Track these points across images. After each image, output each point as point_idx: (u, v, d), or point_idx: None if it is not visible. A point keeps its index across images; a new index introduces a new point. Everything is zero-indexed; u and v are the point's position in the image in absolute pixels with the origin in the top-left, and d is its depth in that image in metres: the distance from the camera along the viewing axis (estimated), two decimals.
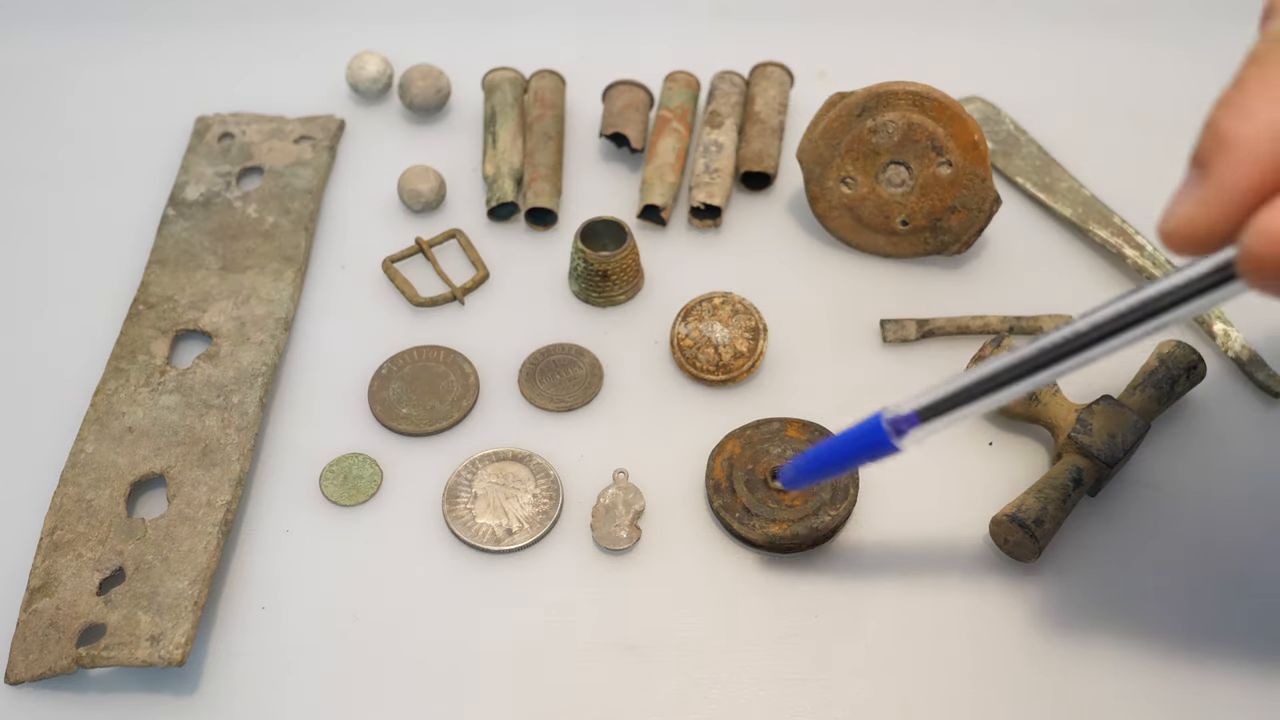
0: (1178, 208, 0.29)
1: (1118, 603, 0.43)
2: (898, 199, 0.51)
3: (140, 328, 0.50)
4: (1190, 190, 0.29)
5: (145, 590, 0.42)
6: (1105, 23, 0.65)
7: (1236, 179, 0.27)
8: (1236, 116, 0.27)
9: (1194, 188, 0.28)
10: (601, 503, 0.45)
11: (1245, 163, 0.27)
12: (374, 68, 0.60)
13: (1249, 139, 0.27)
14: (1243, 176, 0.27)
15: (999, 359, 0.34)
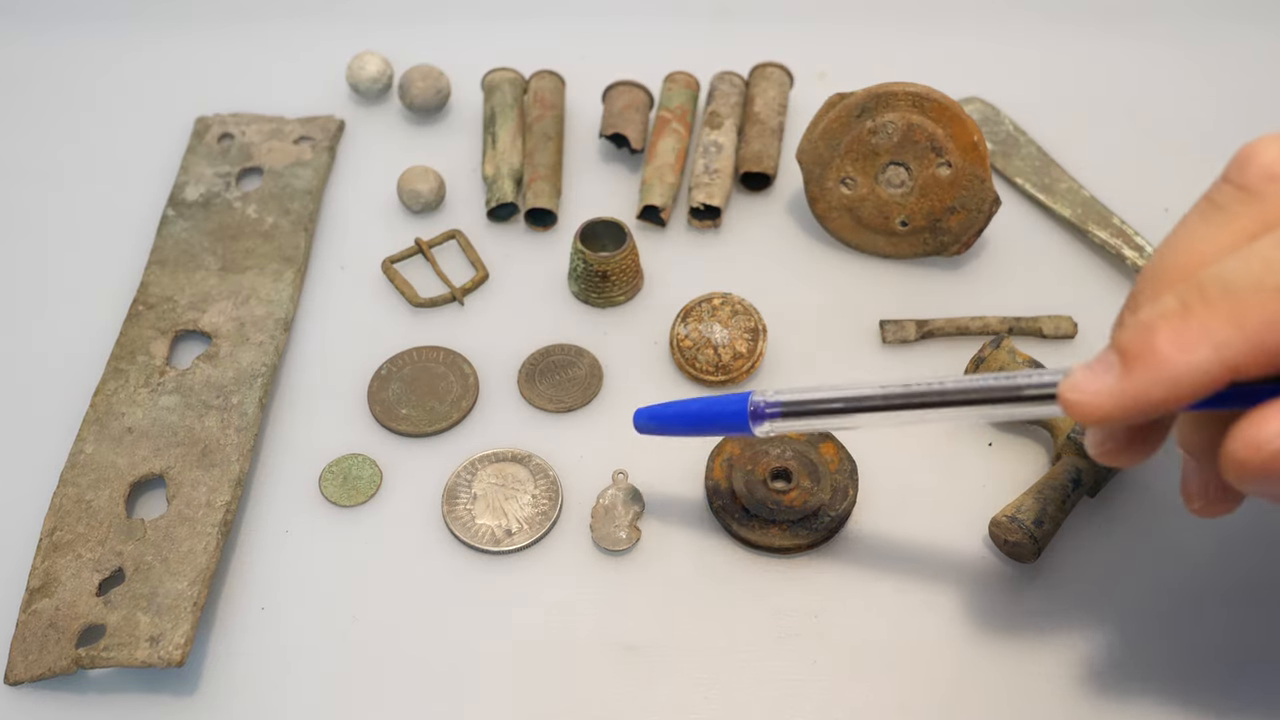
0: (1088, 385, 0.30)
1: (1117, 604, 0.43)
2: (897, 200, 0.51)
3: (140, 328, 0.50)
4: (1105, 375, 0.30)
5: (145, 591, 0.42)
6: (1105, 23, 0.65)
7: (1153, 394, 0.29)
8: (1175, 343, 0.29)
9: (1109, 375, 0.30)
10: (601, 503, 0.45)
11: (1166, 384, 0.29)
12: (374, 68, 0.60)
13: (1179, 367, 0.29)
14: (1159, 394, 0.29)
15: (866, 387, 0.36)
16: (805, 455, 0.45)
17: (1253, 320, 0.28)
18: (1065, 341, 0.50)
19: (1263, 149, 0.31)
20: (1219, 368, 0.29)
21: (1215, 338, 0.29)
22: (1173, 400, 0.29)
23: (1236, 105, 0.61)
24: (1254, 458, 0.29)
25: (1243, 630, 0.42)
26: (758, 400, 0.38)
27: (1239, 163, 0.32)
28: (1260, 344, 0.28)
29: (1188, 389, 0.29)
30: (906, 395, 0.35)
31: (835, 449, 0.46)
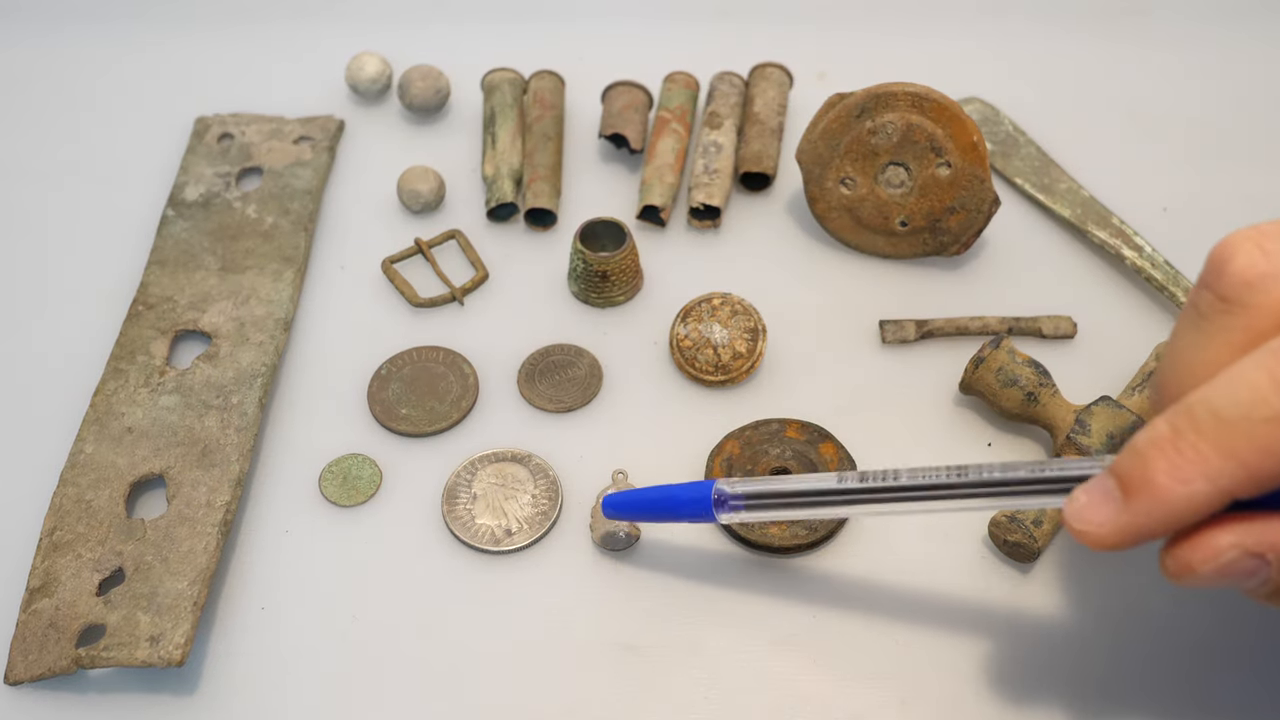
0: (1091, 515, 0.32)
1: (1117, 604, 0.43)
2: (897, 200, 0.51)
3: (140, 328, 0.50)
4: (1106, 506, 0.31)
5: (145, 591, 0.42)
6: (1105, 23, 0.65)
7: (1153, 525, 0.31)
8: (1171, 475, 0.30)
9: (1109, 505, 0.31)
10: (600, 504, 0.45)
11: (1165, 515, 0.30)
12: (373, 68, 0.60)
13: (1177, 499, 0.30)
14: (1160, 525, 0.30)
15: (828, 480, 0.38)
16: (805, 455, 0.45)
17: (1244, 451, 0.29)
18: (1065, 341, 0.50)
19: (1234, 253, 0.31)
20: (1215, 496, 0.30)
21: (1209, 469, 0.30)
22: (1171, 527, 0.31)
23: (1236, 105, 0.61)
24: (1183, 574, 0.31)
25: (1243, 630, 0.42)
26: (720, 491, 0.39)
27: (1214, 269, 0.32)
28: (1254, 473, 0.29)
29: (1185, 517, 0.30)
30: (863, 490, 0.37)
31: (835, 449, 0.46)
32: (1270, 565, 0.30)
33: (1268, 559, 0.30)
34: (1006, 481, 0.35)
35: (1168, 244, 0.53)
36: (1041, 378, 0.46)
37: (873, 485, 0.37)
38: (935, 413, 0.48)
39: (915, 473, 0.36)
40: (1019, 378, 0.46)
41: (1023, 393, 0.46)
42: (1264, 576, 0.31)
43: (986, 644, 0.42)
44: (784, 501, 0.38)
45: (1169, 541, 0.32)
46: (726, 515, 0.40)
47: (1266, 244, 0.31)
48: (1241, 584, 0.31)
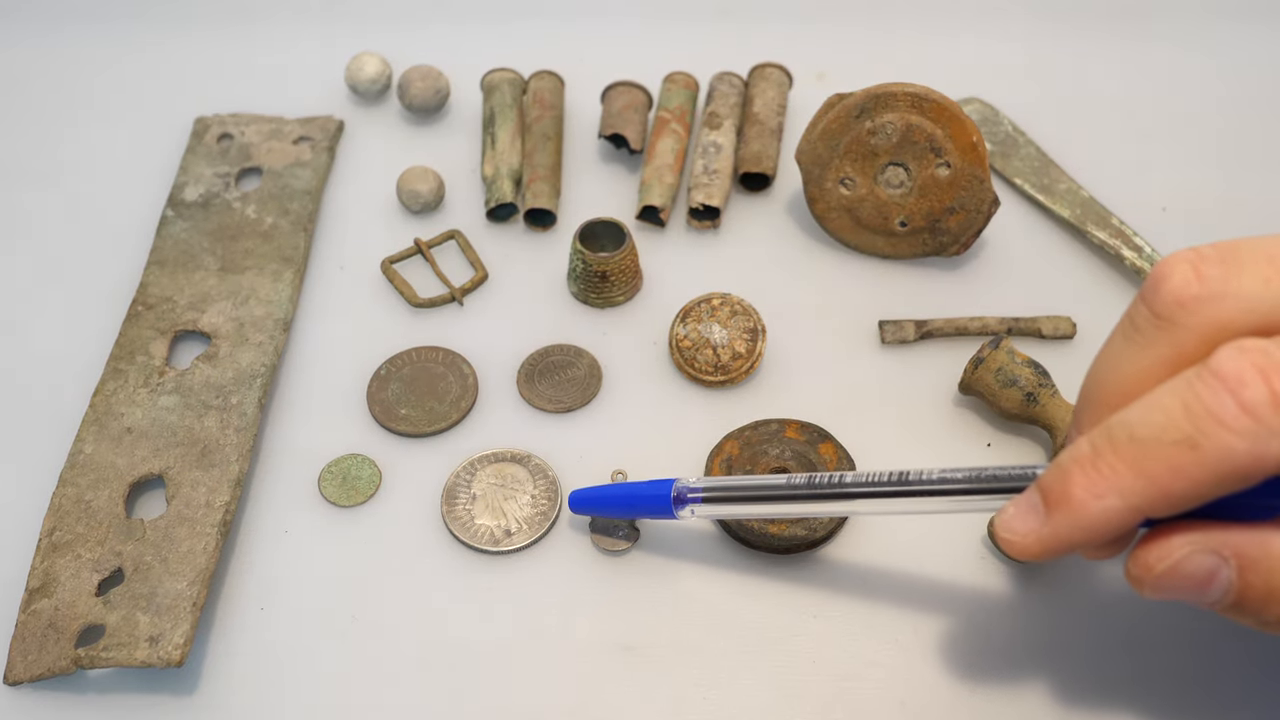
0: (1016, 525, 0.34)
1: (1116, 604, 0.43)
2: (896, 200, 0.51)
3: (139, 328, 0.50)
4: (1030, 518, 0.34)
5: (144, 591, 0.42)
6: (1105, 23, 0.65)
7: (1071, 537, 0.33)
8: (1087, 490, 0.32)
9: (1033, 518, 0.33)
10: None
11: (1082, 528, 0.32)
12: (373, 68, 0.60)
13: (1092, 513, 0.32)
14: (1077, 537, 0.33)
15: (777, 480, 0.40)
16: (804, 455, 0.46)
17: (1154, 470, 0.31)
18: (1064, 342, 0.50)
19: (1172, 272, 0.32)
20: (1127, 512, 0.31)
21: (1122, 486, 0.31)
22: (1089, 541, 0.33)
23: (1236, 105, 0.61)
24: (1145, 575, 0.33)
25: (1242, 630, 0.42)
26: (681, 488, 0.41)
27: (1152, 286, 0.33)
28: (1163, 491, 0.31)
29: (1101, 532, 0.32)
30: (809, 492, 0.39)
31: (834, 449, 0.46)
32: (1229, 567, 0.32)
33: (1225, 558, 0.32)
34: (945, 491, 0.37)
35: (1167, 244, 0.53)
36: (1041, 378, 0.46)
37: (817, 490, 0.39)
38: (934, 413, 0.48)
39: (859, 475, 0.38)
40: (1018, 378, 0.46)
41: (1022, 393, 0.46)
42: (1225, 583, 0.32)
43: (986, 644, 0.42)
44: (742, 498, 0.40)
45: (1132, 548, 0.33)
46: (688, 511, 0.41)
47: (1203, 267, 0.32)
48: (1204, 593, 0.32)
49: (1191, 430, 0.30)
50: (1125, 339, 0.34)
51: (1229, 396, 0.30)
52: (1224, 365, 0.30)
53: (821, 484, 0.39)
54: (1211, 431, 0.30)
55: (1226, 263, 0.32)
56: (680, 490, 0.41)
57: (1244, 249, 0.32)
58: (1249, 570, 0.31)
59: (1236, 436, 0.29)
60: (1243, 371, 0.30)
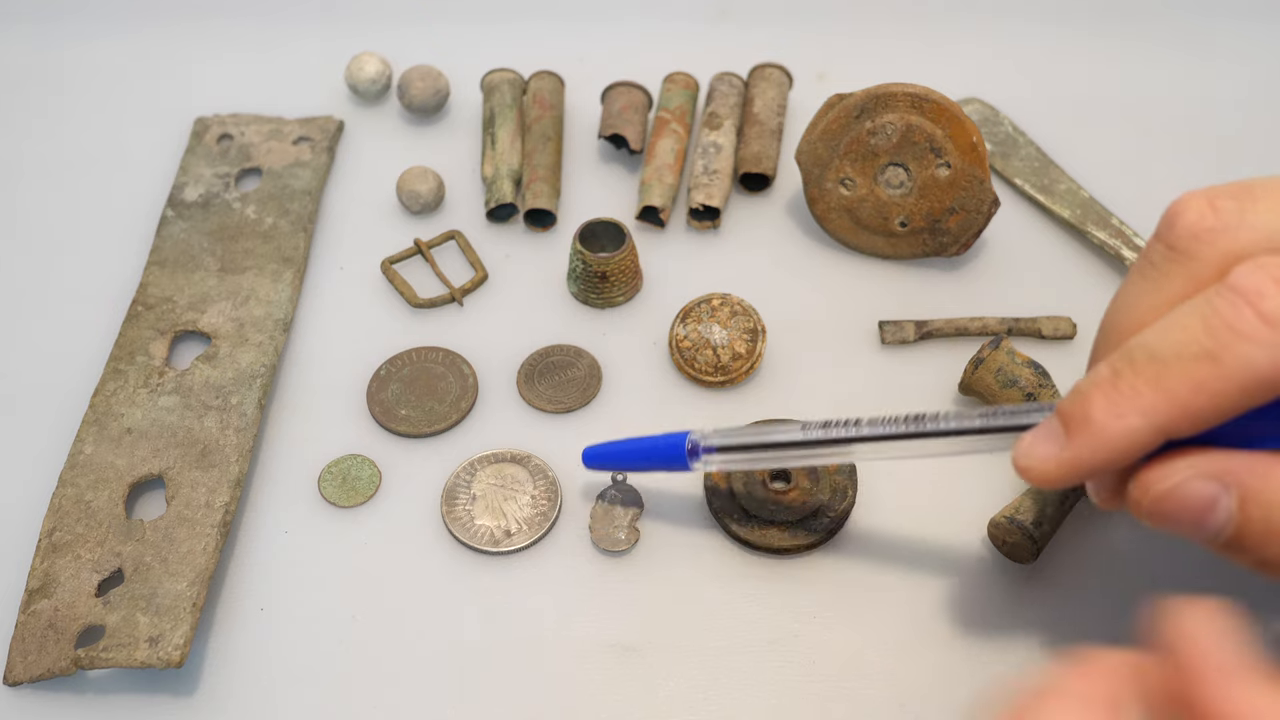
0: (1035, 450, 0.34)
1: (1116, 604, 0.43)
2: (896, 200, 0.51)
3: (139, 329, 0.50)
4: (1050, 443, 0.33)
5: (144, 591, 0.42)
6: (1104, 24, 0.65)
7: (1093, 460, 0.32)
8: (1108, 411, 0.32)
9: (1053, 443, 0.33)
10: (600, 504, 0.45)
11: (1103, 450, 0.32)
12: (373, 69, 0.60)
13: (1113, 434, 0.32)
14: (1099, 459, 0.32)
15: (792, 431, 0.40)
16: None
17: (1177, 386, 0.31)
18: (1064, 342, 0.50)
19: (1187, 207, 0.33)
20: (1149, 431, 0.31)
21: (1143, 403, 0.31)
22: (1111, 463, 0.32)
23: (1236, 105, 0.61)
24: (1144, 498, 0.32)
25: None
26: (694, 441, 0.41)
27: (1167, 221, 0.33)
28: (1184, 408, 0.31)
29: (1123, 452, 0.32)
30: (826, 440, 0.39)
31: None
32: (1230, 496, 0.31)
33: (1227, 486, 0.31)
34: (961, 430, 0.37)
35: None
36: (1041, 378, 0.46)
37: (833, 436, 0.39)
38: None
39: (875, 421, 0.38)
40: (1018, 378, 0.46)
41: (1022, 393, 0.46)
42: (1225, 513, 0.31)
43: (986, 644, 0.42)
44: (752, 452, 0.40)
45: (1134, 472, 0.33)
46: (699, 463, 0.41)
47: (1217, 201, 0.33)
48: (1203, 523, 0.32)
49: (1211, 344, 0.30)
50: (1141, 277, 0.34)
51: (1248, 309, 0.30)
52: (1242, 280, 0.30)
53: (837, 430, 0.39)
54: (1232, 344, 0.30)
55: (1240, 197, 0.32)
56: (694, 443, 0.41)
57: (1257, 185, 0.33)
58: (1250, 502, 0.31)
59: (1257, 347, 0.29)
60: (1261, 284, 0.30)
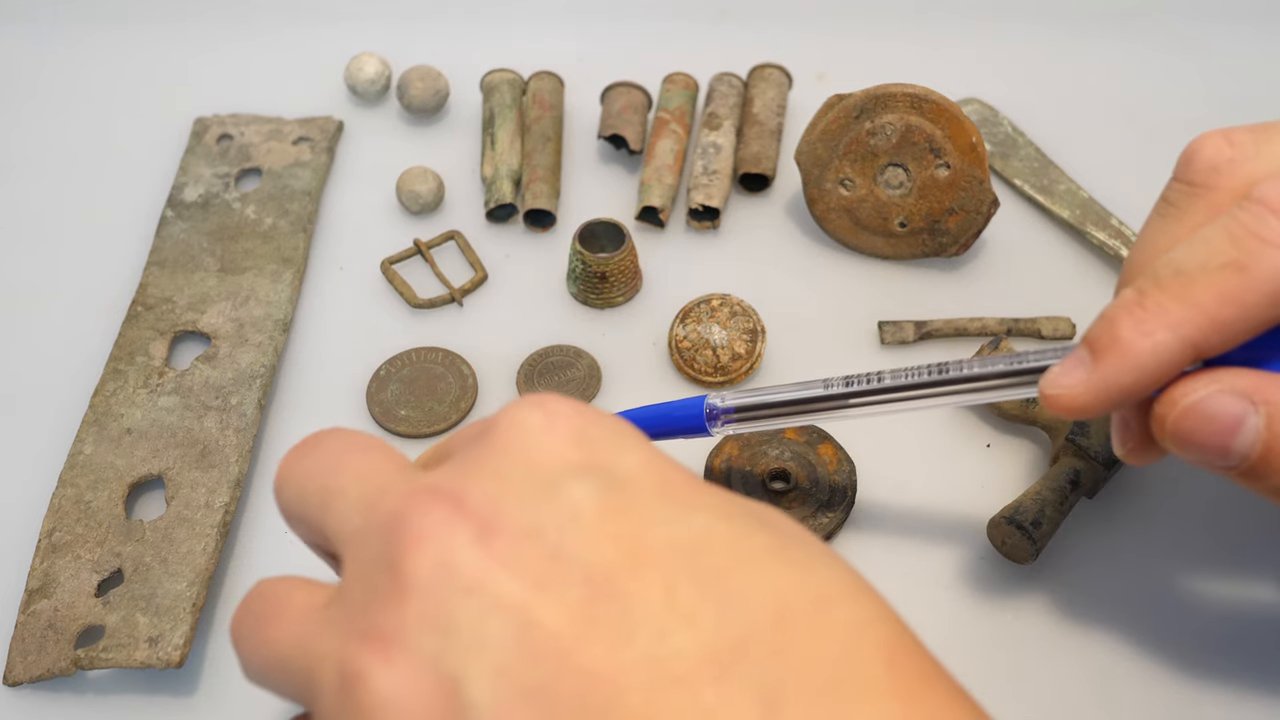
0: (1063, 379, 0.33)
1: (1116, 605, 0.43)
2: (896, 201, 0.51)
3: (138, 329, 0.50)
4: (1077, 369, 0.32)
5: (144, 592, 0.42)
6: (1104, 24, 0.65)
7: (1123, 381, 0.31)
8: (1135, 329, 0.31)
9: (1081, 368, 0.32)
10: None
11: (1133, 370, 0.31)
12: (372, 69, 0.60)
13: (1142, 352, 0.31)
14: (1129, 380, 0.31)
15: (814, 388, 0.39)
16: (804, 456, 0.46)
17: (1204, 298, 0.30)
18: (1064, 342, 0.50)
19: (1204, 144, 0.33)
20: (1180, 346, 0.30)
21: (1171, 318, 0.30)
22: (1142, 384, 0.31)
23: (1236, 106, 0.61)
24: (1169, 413, 0.31)
25: (1242, 630, 0.42)
26: (712, 405, 0.40)
27: (1185, 159, 0.33)
28: (1214, 319, 0.30)
29: (1154, 371, 0.31)
30: (849, 394, 0.38)
31: (834, 450, 0.46)
32: (1258, 415, 0.31)
33: (1255, 404, 0.31)
34: (986, 375, 0.36)
35: None
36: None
37: (858, 389, 0.38)
38: (934, 414, 0.48)
39: (898, 373, 0.37)
40: None
41: None
42: (1251, 433, 0.31)
43: (986, 644, 0.42)
44: (773, 412, 0.39)
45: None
46: (719, 428, 0.41)
47: (1234, 136, 0.33)
48: (1228, 444, 0.31)
49: (1238, 254, 0.30)
50: (1160, 216, 0.34)
51: (1273, 218, 0.30)
52: (1267, 193, 0.30)
53: (860, 384, 0.38)
54: (1258, 251, 0.30)
55: (1256, 133, 0.33)
56: (712, 406, 0.40)
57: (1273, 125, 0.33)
58: (1278, 421, 0.30)
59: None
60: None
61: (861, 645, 0.23)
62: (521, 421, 0.25)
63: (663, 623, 0.22)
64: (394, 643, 0.23)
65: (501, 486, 0.24)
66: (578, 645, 0.22)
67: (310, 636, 0.25)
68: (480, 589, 0.23)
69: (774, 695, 0.22)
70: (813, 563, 0.24)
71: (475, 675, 0.22)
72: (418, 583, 0.23)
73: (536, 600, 0.22)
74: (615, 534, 0.23)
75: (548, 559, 0.23)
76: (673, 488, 0.25)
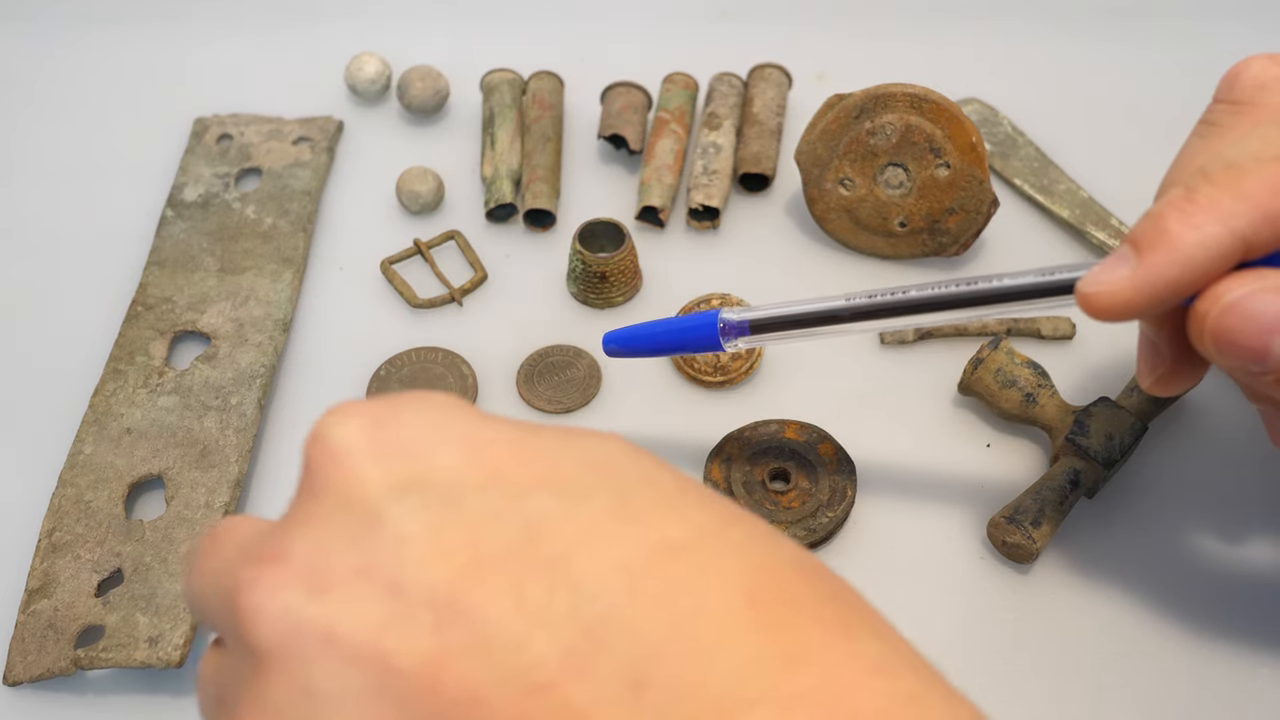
0: (1105, 277, 0.31)
1: (1116, 605, 0.43)
2: (896, 201, 0.51)
3: (138, 329, 0.50)
4: (1120, 266, 0.31)
5: (144, 592, 0.42)
6: (1104, 24, 0.65)
7: (1169, 275, 0.30)
8: (1184, 223, 0.30)
9: (1124, 265, 0.31)
10: None
11: (1180, 263, 0.30)
12: (372, 69, 0.60)
13: (1190, 244, 0.30)
14: (1175, 274, 0.30)
15: (833, 301, 0.37)
16: (803, 456, 0.46)
17: (1256, 189, 0.29)
18: (1064, 342, 0.50)
19: (1250, 64, 0.32)
20: (1229, 239, 0.29)
21: (1221, 210, 0.29)
22: (1189, 279, 0.30)
23: None
24: (1210, 309, 0.30)
25: (1243, 630, 0.42)
26: (725, 319, 0.39)
27: (1228, 81, 0.33)
28: (1266, 211, 0.29)
29: (1201, 266, 0.30)
30: (872, 306, 0.36)
31: (834, 450, 0.46)
32: None
33: None
34: (1016, 289, 0.35)
35: None
36: (1040, 379, 0.46)
37: (881, 301, 0.36)
38: (934, 414, 0.48)
39: (924, 286, 0.36)
40: (1018, 379, 0.46)
41: (1021, 394, 0.46)
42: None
43: (986, 644, 0.42)
44: (791, 326, 0.38)
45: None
46: (731, 343, 0.39)
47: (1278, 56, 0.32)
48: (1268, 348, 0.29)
49: None
50: (1201, 137, 0.33)
51: None
52: None
53: (884, 298, 0.36)
54: None
55: None
56: (727, 320, 0.39)
57: None
58: None
59: None
60: None
61: (715, 590, 0.22)
62: (328, 453, 0.24)
63: (516, 631, 0.22)
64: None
65: (324, 531, 0.23)
66: (439, 676, 0.21)
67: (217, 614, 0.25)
68: (331, 641, 0.22)
69: (638, 674, 0.21)
70: (654, 512, 0.23)
71: None
72: (271, 653, 0.22)
73: (388, 638, 0.22)
74: (448, 549, 0.22)
75: (387, 594, 0.22)
76: (499, 473, 0.24)
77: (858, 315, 0.37)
